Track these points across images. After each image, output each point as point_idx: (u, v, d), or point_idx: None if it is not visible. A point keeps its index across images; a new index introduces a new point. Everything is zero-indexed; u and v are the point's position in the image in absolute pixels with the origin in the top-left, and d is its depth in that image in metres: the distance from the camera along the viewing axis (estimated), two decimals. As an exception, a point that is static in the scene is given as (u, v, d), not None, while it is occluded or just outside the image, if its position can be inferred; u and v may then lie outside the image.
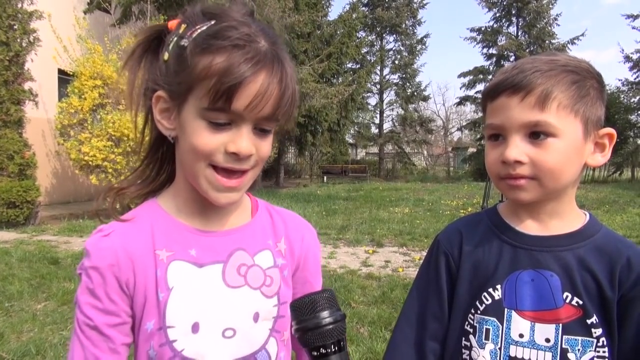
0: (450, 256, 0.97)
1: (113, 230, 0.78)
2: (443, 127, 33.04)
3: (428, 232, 7.74)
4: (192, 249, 0.80)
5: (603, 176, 21.94)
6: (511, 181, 0.86)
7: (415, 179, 23.88)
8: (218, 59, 0.69)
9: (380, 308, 4.09)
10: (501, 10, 24.27)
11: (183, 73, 0.71)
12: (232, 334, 0.80)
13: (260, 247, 0.86)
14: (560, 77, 0.83)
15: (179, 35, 0.74)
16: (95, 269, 0.75)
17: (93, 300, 0.75)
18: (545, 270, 0.87)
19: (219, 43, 0.69)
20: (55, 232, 7.81)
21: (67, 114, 9.19)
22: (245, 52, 0.69)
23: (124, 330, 0.77)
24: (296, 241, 0.91)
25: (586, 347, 0.84)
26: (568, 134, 0.83)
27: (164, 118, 0.77)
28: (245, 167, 0.75)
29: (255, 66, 0.69)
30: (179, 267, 0.78)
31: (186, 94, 0.72)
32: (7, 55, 8.31)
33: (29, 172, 8.61)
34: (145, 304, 0.77)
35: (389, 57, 27.29)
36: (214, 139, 0.71)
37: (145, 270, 0.77)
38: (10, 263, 5.50)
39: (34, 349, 3.20)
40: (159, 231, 0.79)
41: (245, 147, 0.72)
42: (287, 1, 13.02)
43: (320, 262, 0.98)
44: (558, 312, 0.85)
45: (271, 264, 0.86)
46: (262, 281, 0.84)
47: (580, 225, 0.91)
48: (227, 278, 0.80)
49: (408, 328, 0.99)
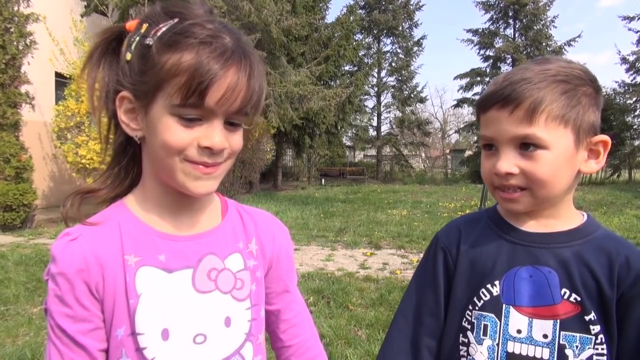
0: (448, 252, 0.98)
1: (81, 234, 0.76)
2: (441, 129, 33.09)
3: (426, 234, 7.74)
4: (161, 254, 0.78)
5: (600, 178, 22.00)
6: (504, 194, 0.89)
7: (413, 181, 23.87)
8: (187, 56, 0.69)
9: (378, 310, 4.08)
10: (498, 12, 24.30)
11: (150, 72, 0.71)
12: (203, 339, 0.79)
13: (230, 250, 0.85)
14: (549, 88, 0.83)
15: (142, 35, 0.74)
16: (62, 275, 0.73)
17: (63, 307, 0.74)
18: (544, 267, 0.88)
19: (185, 40, 0.70)
20: (51, 236, 7.76)
21: (64, 116, 9.16)
22: (213, 48, 0.70)
23: (99, 336, 0.76)
24: (267, 241, 0.91)
25: (585, 345, 0.85)
26: (558, 145, 0.83)
27: (130, 119, 0.77)
28: (219, 160, 0.76)
29: (225, 62, 0.70)
30: (147, 272, 0.77)
31: (154, 93, 0.72)
32: (4, 58, 8.28)
33: (26, 176, 8.57)
34: (115, 309, 0.75)
35: (386, 59, 27.32)
36: (187, 135, 0.72)
37: (114, 276, 0.75)
38: (6, 267, 5.47)
39: (30, 353, 3.18)
40: (127, 235, 0.78)
41: (218, 142, 0.73)
42: (285, 4, 13.03)
43: (294, 260, 0.98)
44: (556, 308, 0.86)
45: (241, 267, 0.85)
46: (233, 285, 0.83)
47: (579, 223, 0.92)
48: (197, 283, 0.79)
49: (404, 323, 1.00)
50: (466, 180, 23.01)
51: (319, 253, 6.61)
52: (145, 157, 0.80)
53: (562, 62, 0.88)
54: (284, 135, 17.32)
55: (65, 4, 11.10)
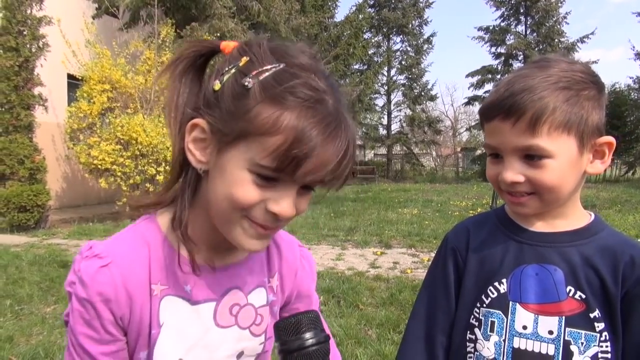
0: (457, 252, 1.00)
1: (112, 261, 0.71)
2: (452, 127, 32.90)
3: (437, 233, 7.70)
4: (187, 284, 0.76)
5: (615, 175, 21.70)
6: (512, 198, 0.90)
7: (424, 180, 23.79)
8: (287, 116, 0.61)
9: (389, 310, 4.06)
10: (509, 9, 24.11)
11: (242, 117, 0.63)
12: None
13: (255, 284, 0.83)
14: (551, 97, 0.83)
15: (240, 70, 0.66)
16: (91, 302, 0.70)
17: (88, 330, 0.72)
18: (550, 265, 0.90)
19: (290, 98, 0.62)
20: (65, 236, 7.87)
21: (76, 118, 9.28)
22: (317, 113, 0.62)
23: (120, 356, 0.75)
24: (288, 277, 0.89)
25: (590, 342, 0.86)
26: (562, 153, 0.84)
27: (198, 148, 0.70)
28: (280, 225, 0.71)
29: (327, 135, 0.62)
30: (171, 302, 0.75)
31: (237, 139, 0.64)
32: (17, 60, 8.39)
33: (39, 176, 8.69)
34: (139, 337, 0.75)
35: (395, 57, 27.24)
36: (258, 195, 0.65)
37: (141, 305, 0.74)
38: (20, 266, 5.55)
39: (43, 352, 3.22)
40: (155, 262, 0.75)
41: (287, 211, 0.66)
42: (294, 3, 13.04)
43: (315, 289, 0.95)
44: (561, 305, 0.88)
45: (264, 302, 0.84)
46: (253, 320, 0.82)
47: (585, 223, 0.93)
48: (218, 317, 0.78)
49: (419, 323, 1.02)
50: (477, 179, 22.84)
51: (329, 252, 6.60)
52: (204, 191, 0.74)
53: (564, 64, 0.87)
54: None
55: (77, 6, 11.23)
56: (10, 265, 5.59)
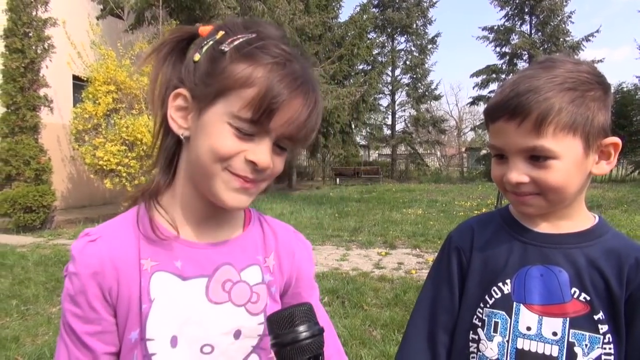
0: (461, 251, 1.00)
1: (100, 236, 0.77)
2: (456, 127, 32.81)
3: (441, 233, 7.68)
4: (177, 260, 0.78)
5: (621, 175, 21.56)
6: (517, 196, 0.90)
7: (429, 180, 23.71)
8: (260, 72, 0.70)
9: (393, 310, 4.05)
10: (514, 9, 23.99)
11: (218, 76, 0.72)
12: (210, 350, 0.78)
13: (248, 262, 0.84)
14: (556, 98, 0.82)
15: (216, 40, 0.74)
16: (77, 275, 0.74)
17: (73, 307, 0.75)
18: (554, 266, 0.89)
19: (261, 56, 0.71)
20: (70, 236, 7.90)
21: (81, 119, 9.30)
22: (286, 72, 0.71)
23: (107, 339, 0.76)
24: (286, 257, 0.89)
25: (594, 344, 0.86)
26: (567, 154, 0.84)
27: (179, 116, 0.77)
28: (259, 178, 0.76)
29: (294, 89, 0.71)
30: (162, 278, 0.77)
31: (215, 97, 0.72)
32: (23, 62, 8.44)
33: (45, 177, 8.73)
34: (129, 313, 0.75)
35: (400, 57, 27.19)
36: (237, 145, 0.72)
37: (129, 280, 0.75)
38: (26, 267, 5.58)
39: (49, 352, 3.23)
40: (145, 239, 0.78)
41: (265, 160, 0.73)
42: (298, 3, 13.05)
43: (314, 276, 0.96)
44: (565, 306, 0.88)
45: (259, 280, 0.84)
46: (248, 298, 0.82)
47: (590, 225, 0.93)
48: (210, 293, 0.79)
49: (421, 321, 1.02)
50: (482, 179, 22.76)
51: (333, 253, 6.60)
52: (183, 159, 0.80)
53: (569, 64, 0.87)
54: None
55: (82, 7, 11.28)
56: (16, 265, 5.63)
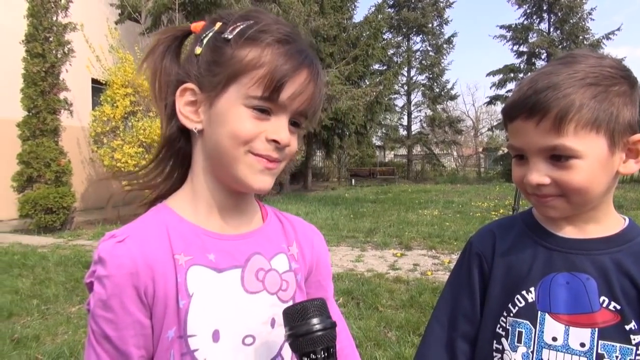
0: (483, 257, 0.95)
1: (128, 236, 0.73)
2: (473, 127, 32.46)
3: (458, 234, 7.60)
4: (210, 253, 0.77)
5: (643, 175, 21.05)
6: (539, 199, 0.85)
7: (445, 181, 23.50)
8: (267, 51, 0.73)
9: (409, 312, 4.02)
10: (532, 7, 23.63)
11: (226, 63, 0.74)
12: (252, 341, 0.78)
13: (275, 250, 0.85)
14: (577, 94, 0.78)
15: (216, 32, 0.77)
16: (111, 278, 0.70)
17: (105, 312, 0.71)
18: (581, 273, 0.84)
19: (265, 37, 0.73)
20: (89, 237, 8.03)
21: (100, 122, 9.46)
22: (291, 47, 0.74)
23: (141, 342, 0.73)
24: (307, 246, 0.91)
25: (625, 355, 0.81)
26: (590, 153, 0.79)
27: (190, 111, 0.77)
28: (281, 157, 0.77)
29: (300, 63, 0.74)
30: (198, 272, 0.75)
31: (226, 84, 0.74)
32: (43, 66, 8.60)
33: (65, 179, 8.89)
34: (166, 311, 0.73)
35: (415, 57, 27.01)
36: (256, 126, 0.73)
37: (165, 277, 0.73)
38: (47, 267, 5.68)
39: (68, 351, 3.29)
40: (175, 235, 0.76)
41: (285, 136, 0.75)
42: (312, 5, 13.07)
43: (330, 265, 0.99)
44: (594, 316, 0.83)
45: (287, 268, 0.85)
46: (279, 286, 0.82)
47: (619, 229, 0.87)
48: (245, 283, 0.79)
49: (439, 329, 0.99)
50: (500, 179, 22.45)
51: (348, 254, 6.58)
52: (199, 152, 0.80)
53: (592, 59, 0.83)
54: (314, 136, 17.37)
55: (101, 12, 11.47)
56: (37, 265, 5.73)
